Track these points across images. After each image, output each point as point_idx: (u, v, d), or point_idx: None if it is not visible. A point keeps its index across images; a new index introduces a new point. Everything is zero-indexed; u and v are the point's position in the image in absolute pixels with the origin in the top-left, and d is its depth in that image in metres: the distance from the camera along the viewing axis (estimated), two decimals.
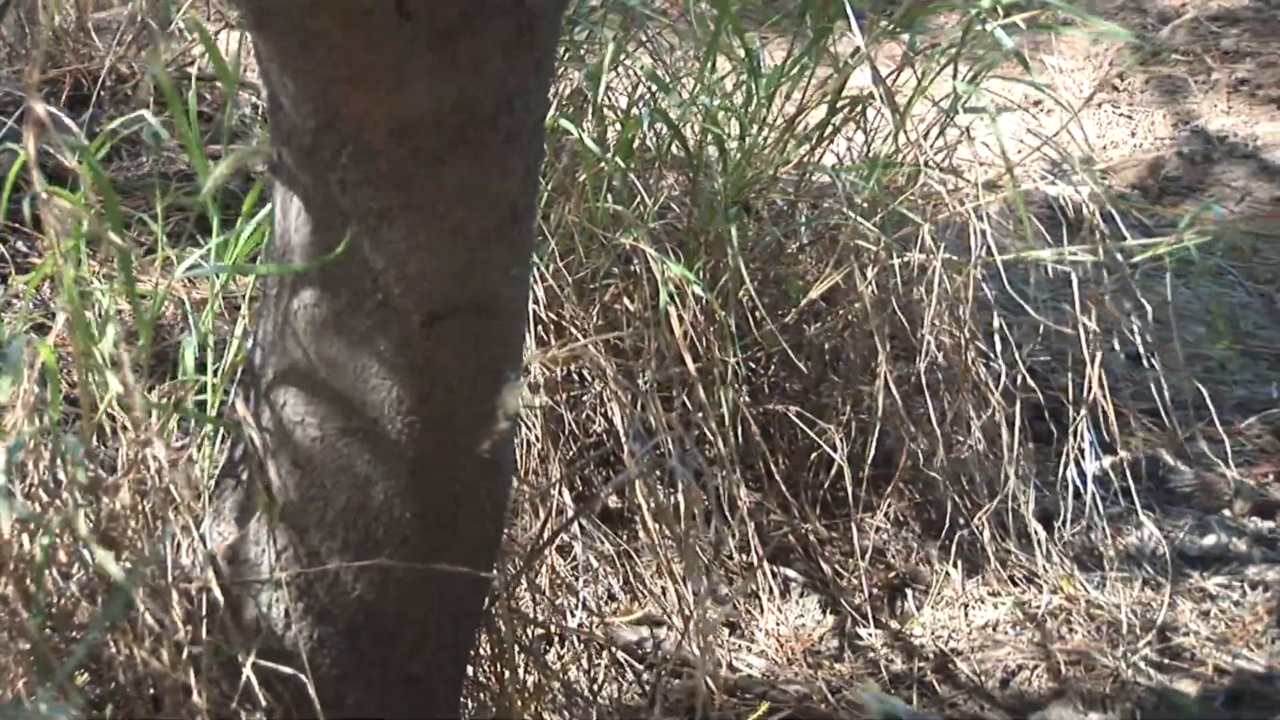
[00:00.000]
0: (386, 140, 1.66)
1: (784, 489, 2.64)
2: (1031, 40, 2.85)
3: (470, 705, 2.08)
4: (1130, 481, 2.69)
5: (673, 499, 2.53)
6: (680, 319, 2.50)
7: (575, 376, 2.56)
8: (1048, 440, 2.75)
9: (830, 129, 2.76)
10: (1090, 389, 2.65)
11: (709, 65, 2.67)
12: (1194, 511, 2.85)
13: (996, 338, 2.66)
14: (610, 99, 2.67)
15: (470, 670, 2.06)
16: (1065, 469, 2.68)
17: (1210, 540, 2.79)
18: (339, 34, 1.58)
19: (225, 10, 2.68)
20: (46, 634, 1.95)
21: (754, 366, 2.60)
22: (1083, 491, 2.67)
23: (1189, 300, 3.06)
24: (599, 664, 2.43)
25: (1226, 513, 2.85)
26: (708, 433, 2.56)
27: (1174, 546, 2.75)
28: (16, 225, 2.17)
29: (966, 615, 2.64)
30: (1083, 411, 2.66)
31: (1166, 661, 2.56)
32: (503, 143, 1.68)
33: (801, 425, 2.64)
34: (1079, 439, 2.67)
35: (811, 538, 2.68)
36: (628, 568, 2.55)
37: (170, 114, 1.94)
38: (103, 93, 2.77)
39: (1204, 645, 2.59)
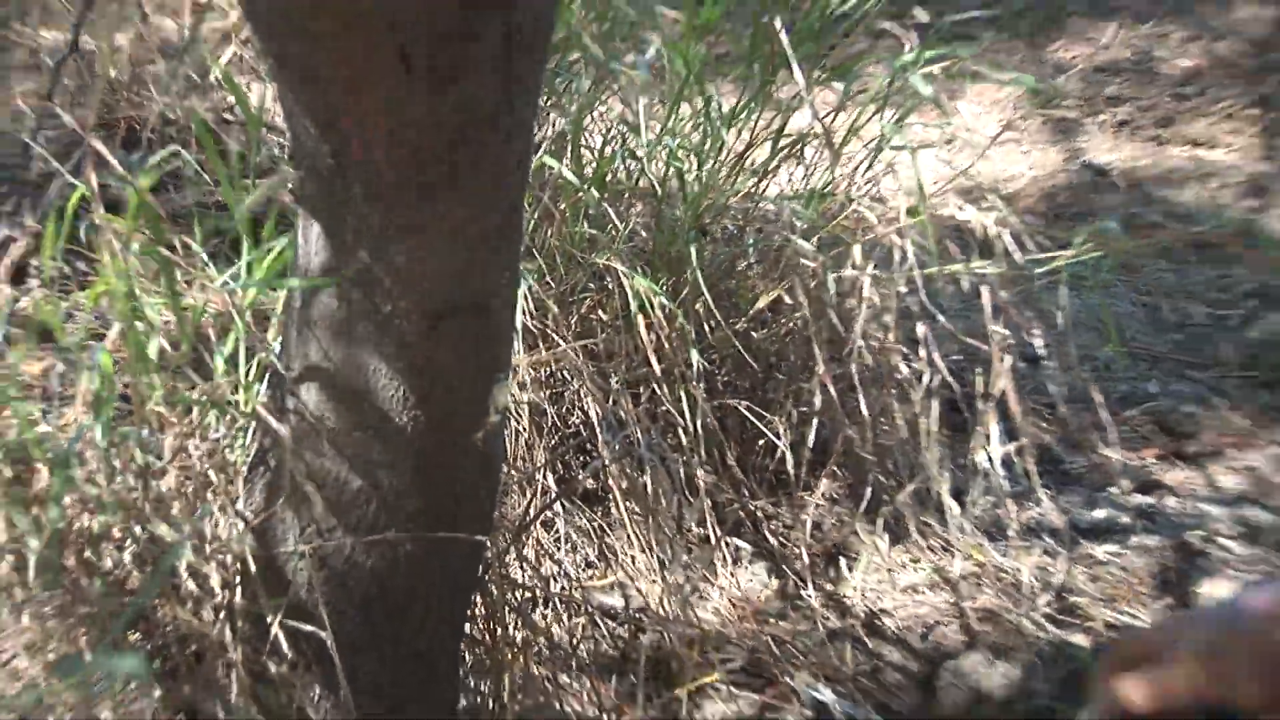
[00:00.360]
0: (388, 142, 1.65)
1: (736, 472, 2.65)
2: (947, 88, 2.86)
3: (468, 658, 2.08)
4: (1031, 464, 2.70)
5: (641, 480, 2.53)
6: (647, 326, 2.50)
7: (557, 376, 2.56)
8: (960, 429, 2.76)
9: (774, 164, 2.77)
10: (997, 385, 2.66)
11: (672, 109, 2.68)
12: (1085, 490, 2.86)
13: (916, 342, 2.67)
14: (587, 139, 2.67)
15: (468, 628, 2.06)
16: (975, 454, 2.69)
17: (1100, 514, 2.80)
18: (339, 41, 1.57)
19: (256, 65, 2.67)
20: (104, 598, 1.94)
21: (710, 367, 2.60)
22: (990, 473, 2.68)
23: (1080, 310, 3.07)
24: (578, 622, 2.43)
25: (1113, 490, 2.86)
26: (671, 424, 2.56)
27: (1068, 519, 2.77)
28: (78, 248, 2.16)
29: (891, 579, 2.65)
30: (990, 404, 2.67)
31: (1062, 618, 2.57)
32: (503, 142, 1.67)
33: (751, 417, 2.65)
34: (987, 428, 2.68)
35: (759, 513, 2.69)
36: (602, 540, 2.55)
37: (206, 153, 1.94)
38: (152, 135, 2.77)
39: (1095, 604, 2.60)
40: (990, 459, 2.69)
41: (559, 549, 2.51)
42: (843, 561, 2.68)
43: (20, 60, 3.23)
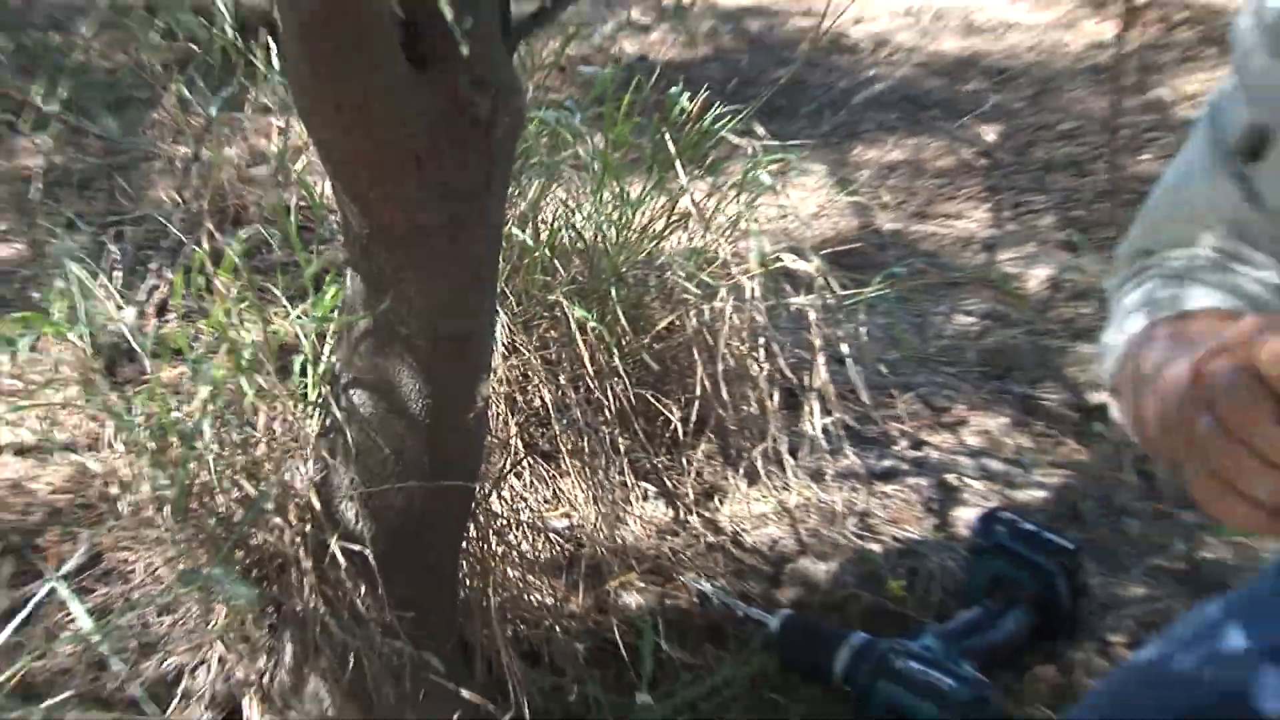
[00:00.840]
0: (414, 248, 1.66)
1: (644, 438, 2.66)
2: (781, 180, 2.89)
3: (464, 565, 2.08)
4: (841, 431, 2.72)
5: (581, 443, 2.54)
6: (584, 342, 2.51)
7: (523, 375, 2.57)
8: (794, 408, 2.78)
9: (667, 232, 2.78)
10: (818, 378, 2.68)
11: (598, 196, 2.69)
12: (877, 447, 2.88)
13: (763, 350, 2.69)
14: (541, 216, 2.68)
15: (465, 546, 2.07)
16: (804, 424, 2.71)
17: (887, 463, 2.82)
18: (373, 181, 1.58)
19: (320, 168, 2.68)
20: (217, 529, 1.94)
21: (627, 368, 2.61)
22: (814, 437, 2.70)
23: (873, 328, 3.09)
24: (539, 540, 2.44)
25: (895, 447, 2.88)
26: (600, 406, 2.57)
27: (866, 467, 2.78)
28: (203, 294, 2.16)
29: (749, 509, 2.67)
30: (813, 392, 2.69)
31: (862, 534, 2.60)
32: (468, 265, 1.69)
33: (654, 401, 2.65)
34: (811, 407, 2.70)
35: (660, 465, 2.70)
36: (555, 484, 2.56)
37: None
38: (251, 217, 2.77)
39: (884, 524, 2.63)
40: (814, 428, 2.71)
41: (526, 490, 2.52)
42: (716, 497, 2.69)
43: (161, 166, 3.21)
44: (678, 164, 2.67)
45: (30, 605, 1.93)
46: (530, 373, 2.54)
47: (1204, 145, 1.55)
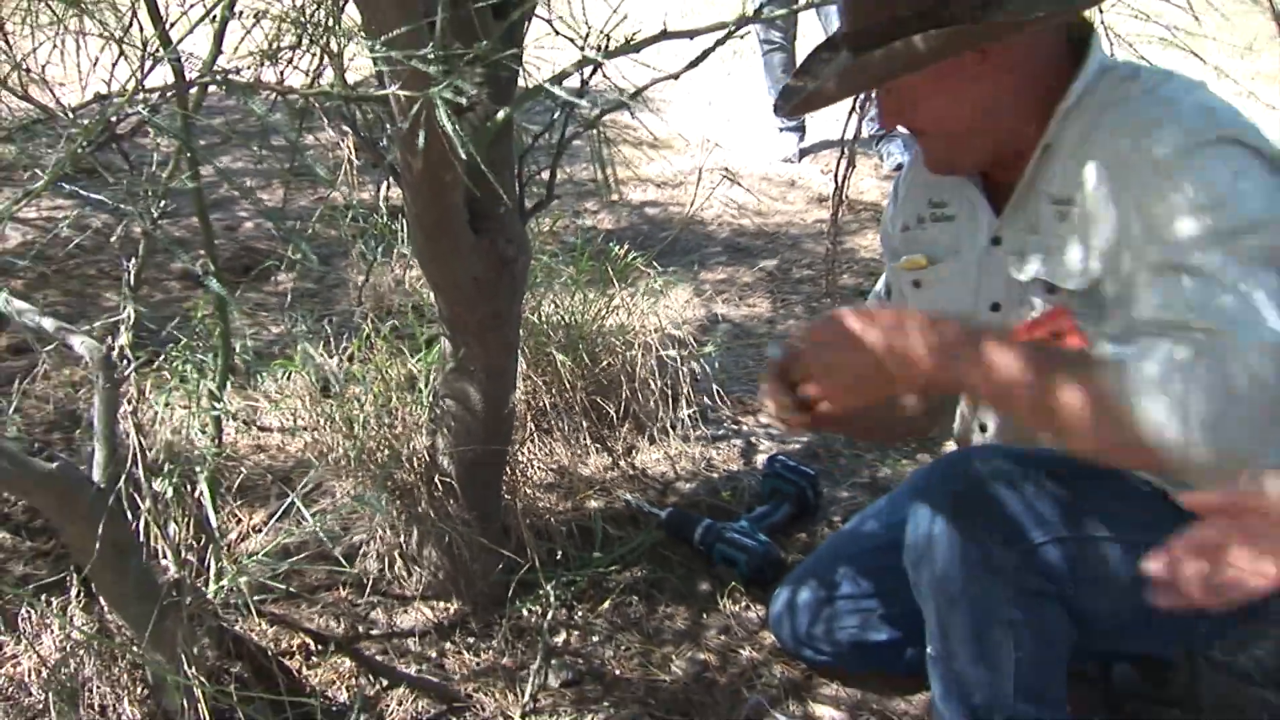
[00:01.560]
0: (475, 326, 1.67)
1: (596, 421, 2.67)
2: (666, 289, 2.92)
3: (503, 487, 2.10)
4: (699, 415, 2.75)
5: (563, 424, 2.56)
6: (564, 373, 2.54)
7: (533, 390, 2.58)
8: (675, 403, 2.79)
9: (608, 315, 2.81)
10: (684, 389, 2.71)
11: (573, 298, 2.72)
12: (716, 424, 2.89)
13: (657, 374, 2.71)
14: (543, 308, 2.69)
15: (504, 477, 2.08)
16: (679, 412, 2.73)
17: (721, 432, 2.84)
18: (454, 293, 1.59)
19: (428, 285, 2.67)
20: (376, 471, 1.93)
21: (586, 385, 2.63)
22: (685, 419, 2.72)
23: (712, 362, 3.10)
24: (543, 474, 2.45)
25: (725, 424, 2.90)
26: (572, 405, 2.60)
27: (710, 434, 2.80)
28: (370, 350, 2.14)
29: (651, 457, 2.68)
30: (684, 394, 2.72)
31: (709, 469, 2.63)
32: (503, 335, 1.69)
33: (601, 402, 2.67)
34: (682, 403, 2.72)
35: (604, 435, 2.70)
36: (550, 447, 2.57)
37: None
38: (395, 311, 2.75)
39: (720, 464, 2.67)
40: (687, 413, 2.74)
41: (535, 450, 2.53)
42: (634, 452, 2.70)
43: (351, 286, 3.19)
44: (614, 281, 2.72)
45: (282, 508, 1.94)
46: (536, 389, 2.56)
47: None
